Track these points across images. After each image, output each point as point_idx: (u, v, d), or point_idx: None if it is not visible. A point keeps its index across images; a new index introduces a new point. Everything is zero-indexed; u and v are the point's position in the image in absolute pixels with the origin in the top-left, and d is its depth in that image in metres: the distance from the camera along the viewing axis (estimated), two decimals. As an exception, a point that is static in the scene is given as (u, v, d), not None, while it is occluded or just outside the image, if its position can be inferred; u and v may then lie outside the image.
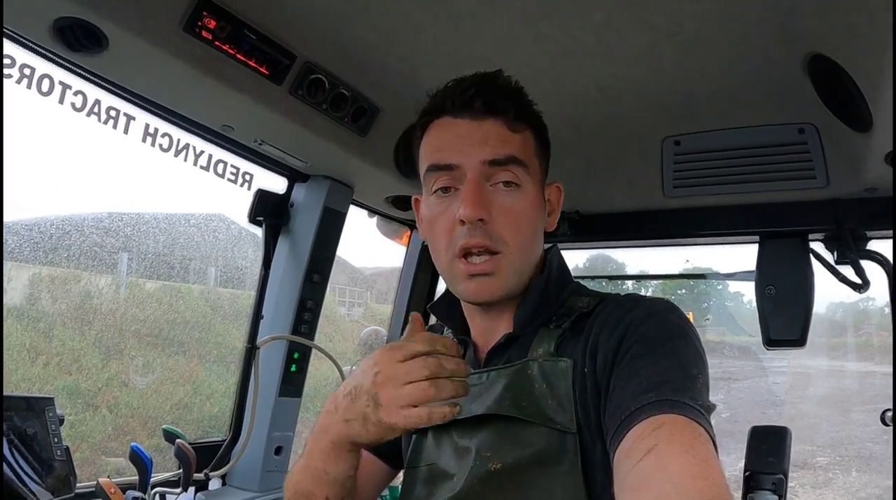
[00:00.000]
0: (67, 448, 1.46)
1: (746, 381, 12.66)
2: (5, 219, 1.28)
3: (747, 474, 1.71)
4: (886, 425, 1.76)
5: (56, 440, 1.43)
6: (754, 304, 1.96)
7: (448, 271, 1.08)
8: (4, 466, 1.32)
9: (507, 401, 1.03)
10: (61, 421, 1.48)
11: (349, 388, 0.96)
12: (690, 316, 1.07)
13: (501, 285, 1.04)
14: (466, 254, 1.03)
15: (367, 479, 1.26)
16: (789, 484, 1.69)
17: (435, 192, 1.07)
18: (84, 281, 2.65)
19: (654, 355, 0.93)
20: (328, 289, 2.11)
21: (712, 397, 0.94)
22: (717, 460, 0.82)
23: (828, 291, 1.87)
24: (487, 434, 1.04)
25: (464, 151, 1.03)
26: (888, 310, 1.86)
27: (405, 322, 2.47)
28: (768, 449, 1.72)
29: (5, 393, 1.39)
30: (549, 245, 1.19)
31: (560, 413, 0.99)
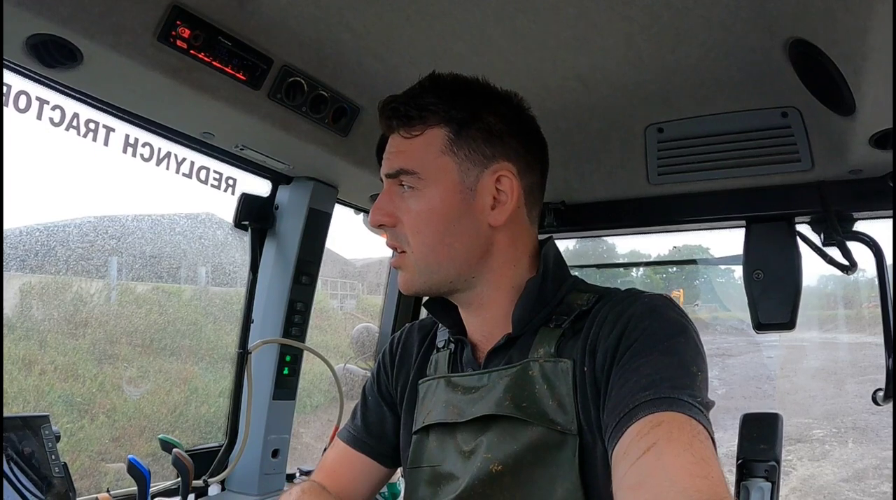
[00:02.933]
0: (65, 464, 1.49)
1: (740, 357, 12.69)
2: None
3: (740, 462, 1.71)
4: (878, 404, 1.77)
5: (53, 456, 1.46)
6: (744, 282, 1.96)
7: None
8: (7, 485, 1.35)
9: (507, 402, 1.03)
10: (57, 438, 1.50)
11: None
12: (681, 294, 1.08)
13: (409, 279, 1.11)
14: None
15: (363, 480, 1.27)
16: (787, 458, 1.69)
17: None
18: (75, 287, 2.65)
19: (653, 352, 0.94)
20: (319, 282, 2.12)
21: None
22: (717, 457, 0.82)
23: (818, 264, 1.87)
24: (489, 436, 1.05)
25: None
26: (877, 282, 1.86)
27: (396, 314, 2.47)
28: (760, 436, 1.72)
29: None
30: (546, 237, 1.18)
31: (560, 414, 1.00)
